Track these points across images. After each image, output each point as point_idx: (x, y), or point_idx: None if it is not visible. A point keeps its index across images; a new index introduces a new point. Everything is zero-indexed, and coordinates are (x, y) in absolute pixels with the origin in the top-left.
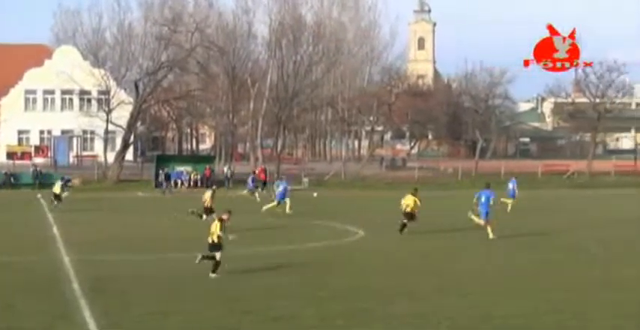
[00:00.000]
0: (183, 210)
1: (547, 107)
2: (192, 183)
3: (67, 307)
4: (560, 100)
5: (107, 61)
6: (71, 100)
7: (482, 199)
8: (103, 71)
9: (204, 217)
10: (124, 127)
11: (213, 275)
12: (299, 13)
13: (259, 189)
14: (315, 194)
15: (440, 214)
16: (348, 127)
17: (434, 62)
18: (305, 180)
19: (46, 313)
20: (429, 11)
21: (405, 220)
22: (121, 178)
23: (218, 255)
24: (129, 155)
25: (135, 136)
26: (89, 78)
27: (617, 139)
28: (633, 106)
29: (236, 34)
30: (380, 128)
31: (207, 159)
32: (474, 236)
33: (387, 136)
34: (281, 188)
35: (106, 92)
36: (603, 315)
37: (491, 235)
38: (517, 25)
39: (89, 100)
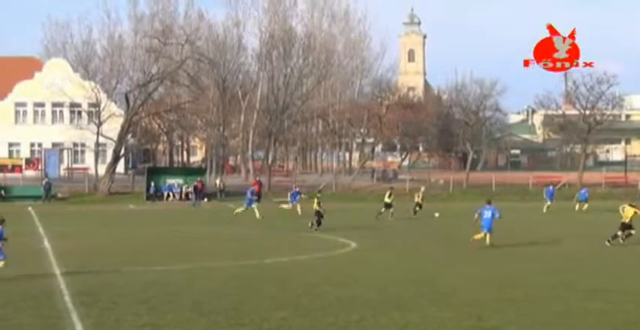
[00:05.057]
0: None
1: (537, 119)
2: (183, 195)
3: (59, 321)
4: (550, 111)
5: (97, 74)
6: (61, 112)
7: (485, 215)
8: (93, 83)
9: None
10: (115, 139)
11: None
12: (289, 25)
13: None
14: (436, 214)
15: (435, 226)
16: (338, 139)
17: (424, 74)
18: None
19: (38, 326)
20: (419, 23)
21: (620, 232)
22: (112, 190)
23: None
24: (120, 168)
25: (126, 149)
26: (79, 90)
27: (608, 151)
28: (623, 118)
29: (226, 46)
30: (371, 140)
31: (199, 171)
32: (469, 247)
33: (378, 148)
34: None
35: (97, 105)
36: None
37: (488, 242)
38: (509, 36)
39: (79, 113)
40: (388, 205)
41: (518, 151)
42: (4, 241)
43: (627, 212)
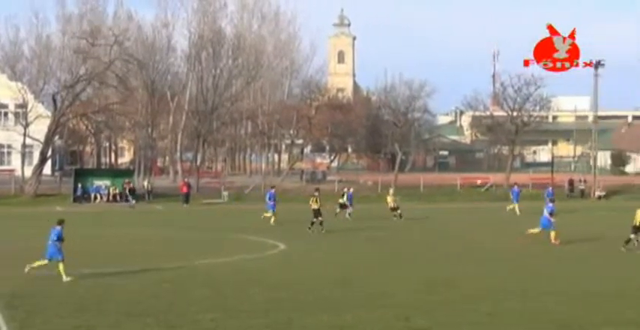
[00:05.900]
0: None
1: (465, 120)
2: (111, 197)
3: None
4: (478, 113)
5: (25, 74)
6: None
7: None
8: (20, 84)
9: None
10: (42, 140)
11: None
12: (218, 26)
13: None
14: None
15: (363, 227)
16: (268, 141)
17: (354, 75)
18: (225, 193)
19: None
20: (349, 25)
21: (633, 235)
22: (38, 192)
23: None
24: (46, 169)
25: (53, 150)
26: (6, 91)
27: (535, 152)
28: (550, 120)
29: (155, 47)
30: (300, 141)
31: (126, 173)
32: (401, 246)
33: (307, 150)
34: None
35: (24, 106)
36: None
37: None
38: (438, 37)
39: (6, 114)
40: (343, 206)
41: (446, 153)
42: (62, 242)
43: (638, 215)
